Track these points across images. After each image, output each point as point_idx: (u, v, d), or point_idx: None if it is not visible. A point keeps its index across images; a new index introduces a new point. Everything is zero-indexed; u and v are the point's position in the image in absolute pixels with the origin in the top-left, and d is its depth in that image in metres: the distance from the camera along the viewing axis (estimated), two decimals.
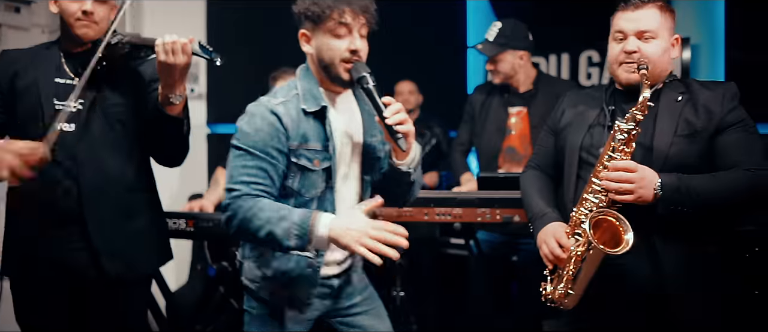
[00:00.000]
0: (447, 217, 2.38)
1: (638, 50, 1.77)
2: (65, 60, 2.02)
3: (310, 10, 1.68)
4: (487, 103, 3.07)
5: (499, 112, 3.00)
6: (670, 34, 1.81)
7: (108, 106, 1.99)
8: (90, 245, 1.96)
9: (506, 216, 2.34)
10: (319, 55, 1.72)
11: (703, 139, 1.74)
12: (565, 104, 2.01)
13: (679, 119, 1.75)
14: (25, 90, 1.96)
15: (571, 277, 1.75)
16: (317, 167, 1.72)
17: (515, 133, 2.96)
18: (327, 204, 1.75)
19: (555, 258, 1.77)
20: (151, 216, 2.13)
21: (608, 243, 1.69)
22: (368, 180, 1.87)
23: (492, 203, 2.36)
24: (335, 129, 1.75)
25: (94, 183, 1.96)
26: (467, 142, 3.19)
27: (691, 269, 1.74)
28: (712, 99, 1.75)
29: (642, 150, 1.76)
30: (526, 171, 2.08)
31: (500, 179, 2.41)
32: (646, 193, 1.66)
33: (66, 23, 1.98)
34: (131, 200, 2.05)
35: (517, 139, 2.95)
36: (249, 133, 1.68)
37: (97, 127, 1.96)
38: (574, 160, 1.86)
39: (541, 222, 1.86)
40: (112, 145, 2.01)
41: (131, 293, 2.09)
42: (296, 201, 1.73)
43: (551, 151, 2.01)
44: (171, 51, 1.80)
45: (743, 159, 1.70)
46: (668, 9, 1.80)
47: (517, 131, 2.95)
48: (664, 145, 1.74)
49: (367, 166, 1.85)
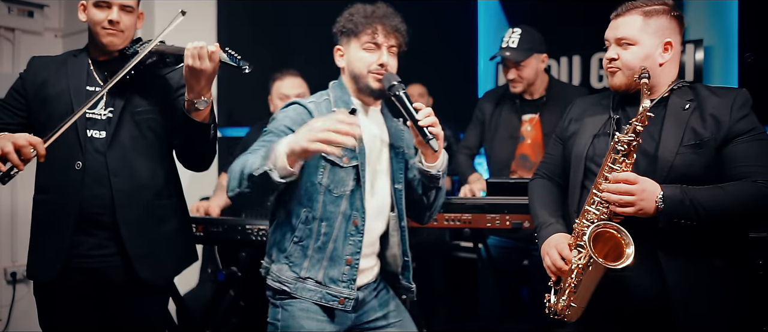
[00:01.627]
0: (456, 223, 2.37)
1: (618, 57, 1.77)
2: (94, 68, 2.06)
3: (346, 26, 1.86)
4: (498, 110, 3.03)
5: (512, 119, 2.97)
6: (659, 38, 1.75)
7: (137, 113, 2.03)
8: (123, 250, 2.00)
9: (516, 222, 2.32)
10: (350, 67, 1.88)
11: (709, 149, 1.68)
12: (573, 112, 1.99)
13: (685, 128, 1.71)
14: (57, 97, 2.00)
15: (572, 290, 1.72)
16: (346, 164, 1.80)
17: (528, 141, 2.93)
18: (357, 203, 1.82)
19: (557, 269, 1.75)
20: (180, 220, 2.17)
21: (610, 255, 1.67)
22: (399, 190, 1.93)
23: (502, 208, 2.35)
24: (364, 131, 1.81)
25: (126, 189, 2.00)
26: (474, 146, 3.16)
27: (696, 282, 1.70)
28: (721, 107, 1.70)
29: (646, 159, 1.73)
30: (534, 179, 2.06)
31: (510, 185, 2.39)
32: (648, 206, 1.62)
33: (93, 31, 2.02)
34: (161, 205, 2.10)
35: (530, 146, 2.92)
36: (276, 118, 1.82)
37: (128, 134, 2.01)
38: (580, 170, 1.84)
39: (546, 232, 1.84)
40: (143, 152, 2.05)
41: (158, 296, 2.14)
42: (326, 197, 1.80)
43: (559, 159, 1.99)
44: (198, 56, 1.83)
45: (753, 170, 1.65)
46: (657, 13, 1.75)
47: (530, 139, 2.92)
48: (669, 154, 1.70)
49: (395, 175, 1.93)
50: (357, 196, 1.82)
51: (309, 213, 1.81)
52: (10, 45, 3.91)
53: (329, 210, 1.81)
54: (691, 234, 1.66)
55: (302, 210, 1.82)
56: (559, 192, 1.98)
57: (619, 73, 1.79)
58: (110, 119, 2.01)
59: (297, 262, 1.82)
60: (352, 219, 1.83)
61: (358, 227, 1.83)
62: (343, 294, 1.82)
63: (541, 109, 2.92)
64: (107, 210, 1.99)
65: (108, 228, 2.00)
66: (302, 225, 1.82)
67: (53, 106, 2.01)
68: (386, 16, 1.86)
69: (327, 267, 1.81)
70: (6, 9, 3.84)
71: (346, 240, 1.82)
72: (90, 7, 2.02)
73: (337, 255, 1.82)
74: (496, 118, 3.03)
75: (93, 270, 2.02)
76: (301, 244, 1.82)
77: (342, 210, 1.82)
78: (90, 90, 2.03)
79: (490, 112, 3.07)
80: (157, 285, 2.08)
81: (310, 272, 1.81)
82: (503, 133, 2.98)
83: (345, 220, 1.82)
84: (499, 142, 2.99)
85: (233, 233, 2.49)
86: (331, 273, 1.82)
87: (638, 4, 1.77)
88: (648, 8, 1.75)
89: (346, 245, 1.83)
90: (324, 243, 1.81)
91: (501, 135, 2.99)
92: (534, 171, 2.10)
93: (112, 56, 2.05)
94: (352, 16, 1.85)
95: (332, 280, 1.82)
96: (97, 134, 2.00)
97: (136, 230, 2.01)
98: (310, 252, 1.82)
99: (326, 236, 1.81)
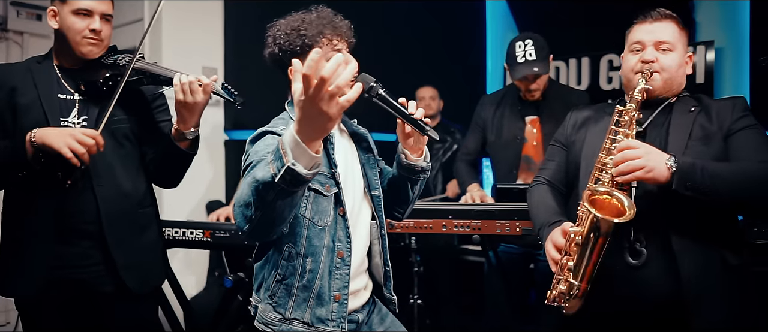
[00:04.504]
0: (466, 229, 2.35)
1: (656, 60, 1.79)
2: (62, 75, 1.99)
3: (293, 43, 1.63)
4: (499, 113, 3.00)
5: (515, 120, 2.95)
6: (685, 50, 1.85)
7: (113, 122, 1.97)
8: (109, 260, 1.95)
9: (526, 229, 2.29)
10: None
11: (718, 142, 1.72)
12: (575, 118, 1.99)
13: (693, 125, 1.75)
14: (27, 107, 1.92)
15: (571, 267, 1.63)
16: (328, 193, 1.65)
17: (530, 142, 2.91)
18: (340, 233, 1.67)
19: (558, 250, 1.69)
20: (158, 228, 2.16)
21: None
22: (378, 197, 1.81)
23: (511, 215, 2.32)
24: (337, 154, 1.69)
25: (111, 198, 1.97)
26: (473, 151, 3.13)
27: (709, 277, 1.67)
28: (724, 108, 1.76)
29: None
30: (535, 185, 2.02)
31: (518, 190, 2.37)
32: (657, 166, 1.58)
33: (66, 39, 1.94)
34: (143, 214, 2.07)
35: (532, 147, 2.90)
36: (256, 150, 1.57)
37: (107, 143, 1.94)
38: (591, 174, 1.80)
39: (550, 228, 1.79)
40: (123, 161, 2.02)
41: (146, 305, 2.10)
42: (310, 231, 1.63)
43: (562, 165, 1.97)
44: (189, 91, 1.81)
45: (757, 155, 1.68)
46: (683, 26, 1.84)
47: (531, 140, 2.91)
48: (679, 148, 1.71)
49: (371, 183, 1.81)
50: (340, 226, 1.66)
51: (292, 248, 1.64)
52: (19, 48, 3.92)
53: (314, 245, 1.64)
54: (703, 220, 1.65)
55: (284, 245, 1.64)
56: (561, 198, 1.95)
57: (658, 76, 1.79)
58: (85, 127, 1.93)
59: (281, 303, 1.65)
60: (336, 252, 1.66)
61: (343, 259, 1.67)
62: None
63: (541, 110, 2.89)
64: (93, 220, 1.94)
65: (94, 237, 1.95)
66: (285, 262, 1.64)
67: (25, 116, 1.91)
68: (333, 20, 1.68)
69: (313, 306, 1.65)
70: (15, 12, 3.84)
71: (331, 276, 1.66)
72: (68, 15, 1.91)
73: (324, 293, 1.65)
74: (498, 120, 3.00)
75: (79, 281, 1.95)
76: (284, 283, 1.65)
77: (326, 243, 1.65)
78: (62, 98, 1.95)
79: (490, 116, 3.03)
80: (144, 293, 2.04)
81: (295, 313, 1.64)
82: (507, 135, 2.95)
83: (330, 253, 1.66)
84: (504, 145, 2.96)
85: (240, 238, 2.47)
86: (318, 313, 1.65)
87: (670, 14, 1.84)
88: (678, 20, 1.84)
89: (333, 280, 1.66)
90: (309, 281, 1.64)
91: (505, 137, 2.96)
92: (533, 178, 2.06)
93: (81, 64, 1.99)
94: (300, 31, 1.64)
95: (320, 320, 1.65)
96: None
97: (122, 239, 1.97)
98: (295, 290, 1.65)
99: (312, 273, 1.64)
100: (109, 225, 1.95)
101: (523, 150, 2.91)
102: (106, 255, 1.95)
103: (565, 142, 1.99)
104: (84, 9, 1.92)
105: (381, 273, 1.82)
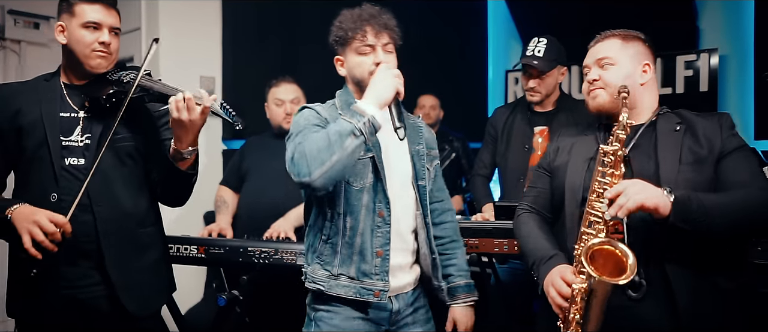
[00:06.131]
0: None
1: (600, 77, 1.81)
2: (68, 92, 1.98)
3: (337, 35, 1.85)
4: (510, 122, 3.00)
5: (525, 129, 2.93)
6: (637, 60, 1.81)
7: (116, 140, 1.95)
8: (107, 281, 1.93)
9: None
10: (351, 73, 1.86)
11: (709, 166, 1.68)
12: (559, 142, 1.96)
13: (682, 148, 1.71)
14: (30, 126, 1.91)
15: (578, 319, 1.63)
16: (362, 156, 1.78)
17: (539, 153, 2.88)
18: (379, 194, 1.81)
19: (564, 298, 1.66)
20: (162, 249, 2.12)
21: (613, 274, 1.58)
22: (424, 187, 1.91)
23: (510, 233, 2.26)
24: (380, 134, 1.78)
25: (110, 218, 1.94)
26: (490, 165, 3.10)
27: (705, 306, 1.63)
28: (711, 128, 1.73)
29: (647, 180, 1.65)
30: (521, 214, 1.97)
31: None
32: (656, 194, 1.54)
33: (74, 54, 1.94)
34: (144, 234, 2.04)
35: (538, 158, 2.87)
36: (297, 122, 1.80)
37: (108, 161, 1.93)
38: (577, 200, 1.78)
39: (547, 266, 1.75)
40: (124, 180, 1.98)
41: (144, 327, 2.05)
42: (347, 192, 1.79)
43: (547, 192, 1.94)
44: (185, 108, 1.78)
45: (748, 179, 1.65)
46: (634, 38, 1.83)
47: (541, 150, 2.88)
48: (671, 173, 1.67)
49: (418, 172, 1.91)
50: (378, 188, 1.81)
51: (333, 209, 1.81)
52: (17, 57, 3.90)
53: (352, 204, 1.80)
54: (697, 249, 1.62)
55: (327, 208, 1.82)
56: (548, 226, 1.91)
57: (602, 92, 1.81)
58: (88, 146, 1.93)
59: (328, 260, 1.82)
60: (376, 211, 1.81)
61: (384, 218, 1.82)
62: (377, 287, 1.80)
63: (551, 121, 2.88)
64: (91, 239, 1.91)
65: (93, 257, 1.92)
66: (328, 223, 1.82)
67: (27, 137, 1.91)
68: (373, 16, 1.83)
69: (358, 261, 1.80)
70: (12, 21, 3.83)
71: (373, 233, 1.81)
72: (77, 29, 1.91)
73: (365, 249, 1.80)
74: (508, 129, 3.00)
75: (78, 301, 1.93)
76: (330, 242, 1.82)
77: (365, 203, 1.80)
78: (64, 117, 1.94)
79: (501, 125, 3.03)
80: (143, 316, 2.01)
81: (341, 268, 1.81)
82: (516, 144, 2.94)
83: (369, 213, 1.81)
84: (513, 153, 2.94)
85: (235, 255, 2.44)
86: (363, 268, 1.80)
87: (615, 32, 1.86)
88: (625, 34, 1.85)
89: (375, 237, 1.81)
90: (351, 237, 1.80)
91: (514, 145, 2.95)
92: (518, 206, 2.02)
93: (89, 79, 1.97)
94: (341, 24, 1.84)
95: (365, 274, 1.80)
96: (75, 162, 1.92)
97: (121, 260, 1.94)
98: (340, 248, 1.81)
99: (352, 230, 1.80)
100: (107, 245, 1.92)
101: (531, 160, 2.89)
102: (105, 276, 1.92)
103: (548, 168, 1.96)
104: (93, 22, 1.91)
105: (429, 262, 1.91)
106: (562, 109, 2.90)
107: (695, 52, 4.18)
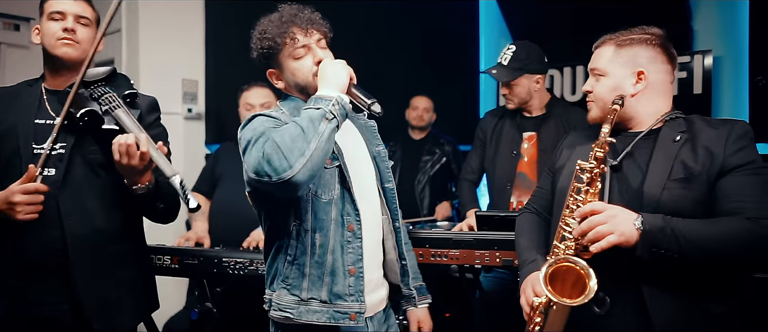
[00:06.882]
0: (443, 259, 2.23)
1: (592, 90, 1.74)
2: (47, 97, 1.92)
3: (263, 47, 1.69)
4: (499, 127, 2.93)
5: (513, 135, 2.87)
6: (629, 69, 1.68)
7: (89, 151, 1.87)
8: (74, 298, 1.84)
9: (507, 259, 2.17)
10: (293, 81, 1.71)
11: (701, 184, 1.54)
12: (565, 144, 1.88)
13: (674, 161, 1.57)
14: (7, 133, 1.86)
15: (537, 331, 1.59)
16: (328, 165, 1.64)
17: (527, 159, 2.81)
18: (348, 207, 1.66)
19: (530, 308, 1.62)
20: (138, 265, 2.02)
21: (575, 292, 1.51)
22: (391, 189, 1.82)
23: (491, 245, 2.20)
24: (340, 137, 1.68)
25: (80, 232, 1.84)
26: (478, 169, 3.03)
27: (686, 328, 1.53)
28: (715, 139, 1.57)
29: (630, 193, 1.60)
30: (522, 213, 1.94)
31: (500, 218, 2.24)
32: (626, 230, 1.46)
33: (45, 50, 1.90)
34: (119, 250, 1.94)
35: (528, 164, 2.81)
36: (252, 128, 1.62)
37: (80, 172, 1.85)
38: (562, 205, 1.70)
39: (527, 270, 1.71)
40: (97, 192, 1.89)
41: None
42: (315, 205, 1.63)
43: (548, 193, 1.87)
44: (126, 153, 1.72)
45: (745, 206, 1.49)
46: (632, 43, 1.69)
47: (527, 156, 2.81)
48: (656, 189, 1.55)
49: (383, 175, 1.81)
50: (346, 199, 1.66)
51: (299, 225, 1.64)
52: None
53: (320, 219, 1.63)
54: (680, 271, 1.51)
55: (292, 224, 1.65)
56: (546, 227, 1.85)
57: (593, 106, 1.74)
58: (61, 156, 1.85)
59: (295, 284, 1.64)
60: (346, 225, 1.66)
61: (354, 232, 1.66)
62: (352, 309, 1.63)
63: (540, 127, 2.81)
64: (59, 255, 1.82)
65: (60, 273, 1.83)
66: (294, 241, 1.64)
67: (4, 143, 1.84)
68: (296, 15, 1.69)
69: (330, 282, 1.63)
70: None
71: (344, 249, 1.65)
72: (45, 23, 1.89)
73: (337, 268, 1.63)
74: (497, 134, 2.93)
75: (45, 319, 1.84)
76: (296, 263, 1.64)
77: (333, 217, 1.65)
78: (39, 123, 1.86)
79: (490, 130, 2.97)
80: None
81: (312, 292, 1.63)
82: (505, 150, 2.87)
83: (339, 227, 1.65)
84: (501, 159, 2.88)
85: (209, 266, 2.36)
86: (335, 289, 1.63)
87: (614, 36, 1.73)
88: (622, 38, 1.71)
89: (346, 254, 1.65)
90: (321, 256, 1.63)
91: (502, 151, 2.88)
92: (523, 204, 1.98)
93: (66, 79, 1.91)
94: (265, 34, 1.68)
95: (338, 296, 1.63)
96: (47, 172, 1.82)
97: (91, 277, 1.85)
98: (308, 269, 1.63)
99: (322, 248, 1.63)
100: (77, 261, 1.83)
101: (519, 166, 2.81)
102: (73, 294, 1.83)
103: (552, 169, 1.89)
104: (58, 11, 1.89)
105: (397, 269, 1.80)
106: (553, 114, 2.82)
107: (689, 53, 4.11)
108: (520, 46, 2.78)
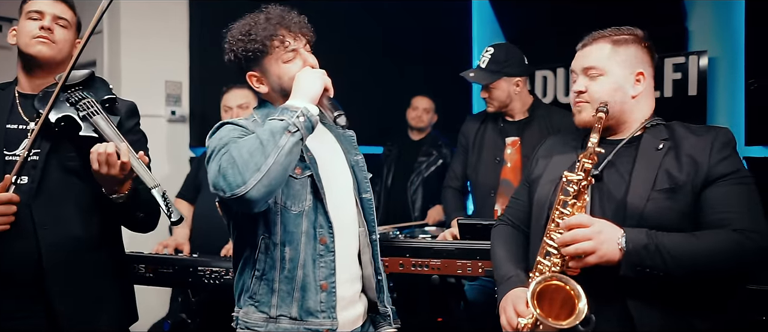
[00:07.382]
0: (424, 269, 2.16)
1: (586, 90, 1.62)
2: (20, 102, 1.85)
3: (249, 48, 1.60)
4: (481, 132, 2.86)
5: (496, 141, 2.79)
6: (629, 68, 1.60)
7: (65, 158, 1.81)
8: (50, 309, 1.77)
9: (489, 270, 2.09)
10: (278, 85, 1.63)
11: (686, 194, 1.48)
12: (540, 153, 1.81)
13: (658, 171, 1.51)
14: None
15: None
16: (299, 175, 1.58)
17: (510, 165, 2.74)
18: (320, 218, 1.60)
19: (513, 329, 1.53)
20: (116, 275, 1.95)
21: (563, 312, 1.44)
22: (369, 200, 1.74)
23: (473, 254, 2.13)
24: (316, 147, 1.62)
25: (55, 242, 1.78)
26: (461, 176, 2.96)
27: None
28: (699, 147, 1.52)
29: (614, 205, 1.53)
30: (497, 225, 1.86)
31: (483, 226, 2.17)
32: (610, 249, 1.41)
33: (20, 50, 1.84)
34: (95, 260, 1.87)
35: (511, 170, 2.74)
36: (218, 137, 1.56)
37: (55, 178, 1.79)
38: (542, 217, 1.63)
39: (506, 286, 1.63)
40: (73, 200, 1.82)
41: None
42: (284, 217, 1.57)
43: (525, 204, 1.79)
44: (105, 163, 1.65)
45: (731, 217, 1.44)
46: (627, 42, 1.62)
47: (512, 163, 2.74)
48: (639, 200, 1.49)
49: (361, 186, 1.75)
50: (319, 211, 1.60)
51: (268, 239, 1.58)
52: None
53: (290, 231, 1.58)
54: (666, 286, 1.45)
55: (260, 237, 1.58)
56: (523, 240, 1.77)
57: (588, 107, 1.62)
58: (35, 163, 1.78)
59: (264, 300, 1.58)
60: (318, 238, 1.59)
61: (327, 245, 1.60)
62: (324, 326, 1.58)
63: (523, 131, 2.74)
64: (33, 266, 1.76)
65: (34, 284, 1.77)
66: (262, 255, 1.58)
67: None
68: (284, 18, 1.63)
69: (300, 298, 1.57)
70: None
71: (315, 264, 1.59)
72: (22, 22, 1.84)
73: (308, 283, 1.57)
74: (480, 140, 2.85)
75: None
76: (265, 278, 1.58)
77: (304, 230, 1.58)
78: (11, 128, 1.81)
79: (473, 135, 2.89)
80: None
81: (281, 309, 1.57)
82: (487, 156, 2.80)
83: (310, 240, 1.59)
84: (484, 165, 2.81)
85: (184, 275, 2.29)
86: (306, 305, 1.57)
87: (606, 33, 1.64)
88: (617, 37, 1.63)
89: (317, 268, 1.59)
90: (291, 271, 1.57)
91: (485, 158, 2.81)
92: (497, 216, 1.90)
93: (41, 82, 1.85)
94: (252, 35, 1.60)
95: (309, 313, 1.57)
96: (20, 181, 1.76)
97: (66, 288, 1.78)
98: (277, 284, 1.57)
99: (292, 262, 1.57)
100: (52, 272, 1.76)
101: (502, 173, 2.74)
102: (49, 306, 1.77)
103: (528, 179, 1.81)
104: (36, 10, 1.84)
105: (373, 284, 1.73)
106: (535, 117, 2.75)
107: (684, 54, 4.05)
108: (498, 48, 2.71)
